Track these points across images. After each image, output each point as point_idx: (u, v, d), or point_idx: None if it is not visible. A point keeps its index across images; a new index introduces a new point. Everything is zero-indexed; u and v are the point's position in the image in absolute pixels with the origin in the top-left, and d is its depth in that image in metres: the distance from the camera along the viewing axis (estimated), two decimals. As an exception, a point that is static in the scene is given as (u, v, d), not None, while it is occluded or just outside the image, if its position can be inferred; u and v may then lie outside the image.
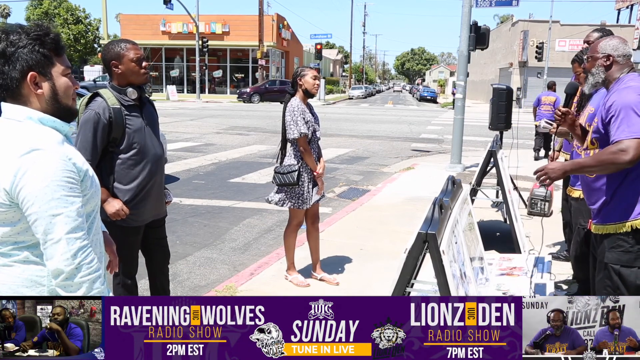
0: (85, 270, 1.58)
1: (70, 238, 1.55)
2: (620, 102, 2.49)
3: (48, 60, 1.65)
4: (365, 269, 4.69)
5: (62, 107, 1.70)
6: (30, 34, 1.63)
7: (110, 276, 1.72)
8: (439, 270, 2.06)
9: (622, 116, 2.46)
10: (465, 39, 9.94)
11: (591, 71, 2.71)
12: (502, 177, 5.00)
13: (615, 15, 39.26)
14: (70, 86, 1.72)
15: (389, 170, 10.22)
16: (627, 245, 2.55)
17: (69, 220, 1.55)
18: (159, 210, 3.14)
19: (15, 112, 1.63)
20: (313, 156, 4.16)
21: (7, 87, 1.63)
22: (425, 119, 24.59)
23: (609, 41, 2.70)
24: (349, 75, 78.03)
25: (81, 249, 1.57)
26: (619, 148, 2.45)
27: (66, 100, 1.71)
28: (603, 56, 2.67)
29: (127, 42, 2.90)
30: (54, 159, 1.58)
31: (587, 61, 2.76)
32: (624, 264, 2.57)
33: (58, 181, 1.56)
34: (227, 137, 14.80)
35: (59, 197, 1.55)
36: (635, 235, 2.53)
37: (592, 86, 2.75)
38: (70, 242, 1.55)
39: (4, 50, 1.61)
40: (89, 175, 1.71)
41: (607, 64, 2.66)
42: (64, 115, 1.71)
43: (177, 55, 40.63)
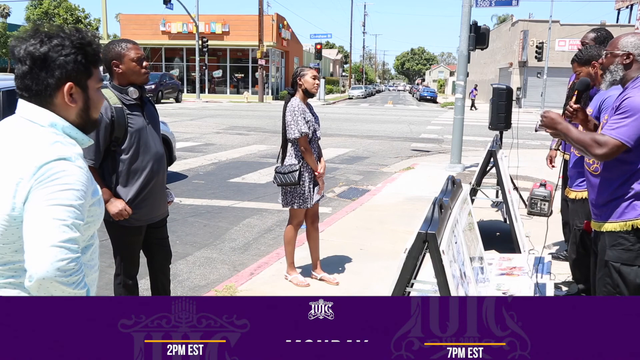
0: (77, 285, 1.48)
1: (70, 247, 1.45)
2: (635, 102, 2.46)
3: (87, 72, 1.57)
4: (365, 269, 4.69)
5: (90, 120, 1.63)
6: (74, 42, 1.54)
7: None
8: (438, 270, 2.06)
9: (627, 115, 2.45)
10: (465, 39, 9.94)
11: (609, 68, 2.64)
12: (502, 177, 5.00)
13: (615, 15, 39.30)
14: (101, 100, 1.66)
15: (388, 170, 10.22)
16: (628, 244, 2.55)
17: (72, 233, 1.46)
18: (161, 210, 3.14)
19: (39, 116, 1.54)
20: (314, 156, 4.16)
21: (39, 93, 1.53)
22: (425, 118, 24.59)
23: (630, 39, 2.61)
24: (349, 75, 78.02)
25: (76, 261, 1.47)
26: (600, 140, 2.47)
27: (95, 114, 1.64)
28: (623, 54, 2.59)
29: (128, 42, 2.90)
30: (80, 171, 1.51)
31: (605, 57, 2.68)
32: (624, 262, 2.56)
33: (77, 192, 1.48)
34: (227, 137, 14.80)
35: (73, 206, 1.46)
36: (636, 234, 2.52)
37: (609, 84, 2.68)
38: (69, 252, 1.45)
39: (46, 55, 1.51)
40: (100, 195, 1.65)
41: (627, 62, 2.59)
42: (89, 127, 1.65)
43: (177, 55, 40.62)
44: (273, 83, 41.30)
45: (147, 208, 3.00)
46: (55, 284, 1.43)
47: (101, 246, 5.54)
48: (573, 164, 3.92)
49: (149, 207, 3.02)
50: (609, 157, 2.49)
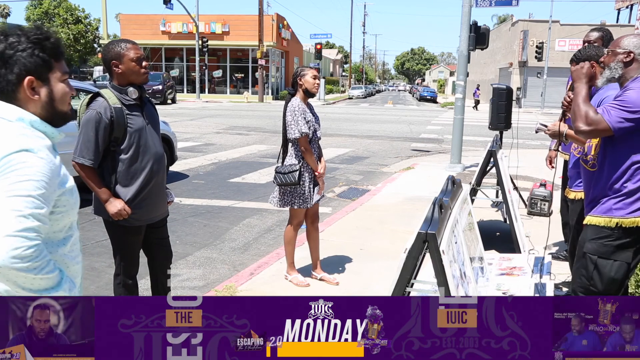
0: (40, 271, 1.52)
1: (27, 236, 1.48)
2: (632, 94, 2.52)
3: (47, 65, 1.62)
4: (365, 269, 4.69)
5: (57, 112, 1.67)
6: (30, 37, 1.59)
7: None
8: (438, 270, 2.06)
9: (624, 106, 2.51)
10: (465, 39, 9.94)
11: (609, 65, 2.71)
12: (502, 177, 5.00)
13: (615, 15, 39.31)
14: (67, 92, 1.69)
15: (388, 170, 10.22)
16: (608, 239, 2.63)
17: (29, 222, 1.49)
18: (161, 210, 3.14)
19: (7, 111, 1.59)
20: (314, 156, 4.16)
21: (3, 89, 1.59)
22: (425, 118, 24.59)
23: (633, 39, 2.69)
24: (349, 75, 78.02)
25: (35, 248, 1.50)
26: (592, 118, 2.55)
27: (62, 106, 1.68)
28: (624, 52, 2.66)
29: (127, 42, 2.90)
30: (42, 161, 1.54)
31: (606, 55, 2.75)
32: (601, 255, 2.65)
33: (36, 182, 1.51)
34: (227, 137, 14.80)
35: (31, 196, 1.49)
36: (618, 231, 2.60)
37: (607, 80, 2.74)
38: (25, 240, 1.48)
39: (2, 52, 1.57)
40: (72, 185, 1.68)
41: (627, 60, 2.65)
42: (57, 120, 1.68)
43: (177, 55, 40.62)
44: (273, 83, 41.30)
45: (146, 208, 3.00)
46: (14, 271, 1.48)
47: (101, 246, 5.57)
48: (573, 164, 3.93)
49: (149, 207, 3.02)
50: (589, 136, 2.62)
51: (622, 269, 2.62)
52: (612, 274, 2.63)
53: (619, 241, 2.61)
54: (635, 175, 2.56)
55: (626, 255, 2.62)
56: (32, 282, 1.54)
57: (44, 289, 1.59)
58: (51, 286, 1.60)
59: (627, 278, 2.67)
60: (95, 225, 5.81)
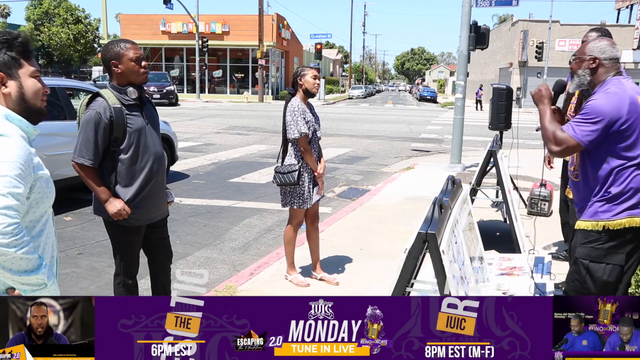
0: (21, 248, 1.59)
1: (7, 213, 1.57)
2: (594, 104, 2.56)
3: (15, 62, 1.73)
4: (365, 269, 4.69)
5: (30, 107, 1.77)
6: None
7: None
8: (438, 270, 2.06)
9: (588, 118, 2.54)
10: (465, 39, 9.94)
11: (577, 72, 2.74)
12: (502, 177, 5.00)
13: (615, 15, 39.32)
14: (39, 88, 1.79)
15: (388, 170, 10.22)
16: (597, 243, 2.63)
17: (8, 200, 1.58)
18: (161, 210, 3.14)
19: None
20: (314, 156, 4.16)
21: None
22: (425, 118, 24.59)
23: (597, 43, 2.70)
24: (349, 75, 78.02)
25: (15, 225, 1.58)
26: (558, 138, 2.60)
27: (34, 101, 1.78)
28: (590, 58, 2.68)
29: (127, 42, 2.90)
30: (16, 145, 1.64)
31: (574, 61, 2.77)
32: (593, 260, 2.64)
33: (12, 163, 1.60)
34: (227, 137, 14.80)
35: (8, 176, 1.59)
36: (606, 234, 2.60)
37: (576, 86, 2.78)
38: (6, 217, 1.56)
39: None
40: (46, 174, 1.77)
41: (593, 66, 2.67)
42: (32, 115, 1.78)
43: (177, 55, 40.61)
44: (273, 83, 41.29)
45: (146, 208, 3.00)
46: None
47: (101, 246, 5.56)
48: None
49: (149, 207, 3.01)
50: (563, 155, 2.67)
51: (614, 272, 2.61)
52: (604, 278, 2.62)
53: (608, 244, 2.60)
54: (618, 179, 2.56)
55: (618, 258, 2.61)
56: (13, 262, 1.60)
57: (23, 270, 1.64)
58: (30, 269, 1.65)
59: (621, 281, 2.65)
60: (95, 225, 5.81)
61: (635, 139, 2.53)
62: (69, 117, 6.51)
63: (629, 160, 2.55)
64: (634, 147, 2.54)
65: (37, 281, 1.67)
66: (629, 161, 2.55)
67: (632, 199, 2.56)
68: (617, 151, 2.55)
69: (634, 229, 2.56)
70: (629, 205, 2.56)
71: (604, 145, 2.56)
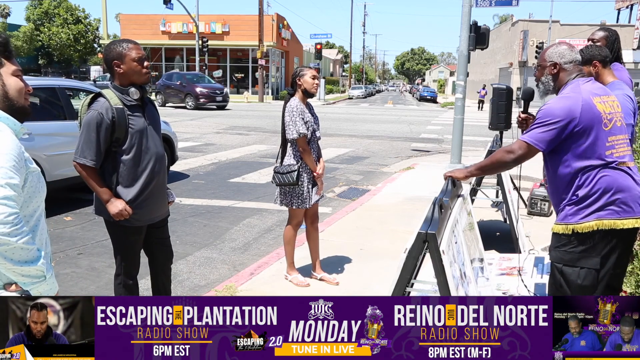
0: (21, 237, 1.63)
1: (7, 203, 1.60)
2: (546, 107, 2.58)
3: None
4: (365, 269, 4.69)
5: (14, 105, 1.80)
6: None
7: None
8: (438, 270, 2.06)
9: (540, 121, 2.57)
10: (465, 39, 9.94)
11: (541, 79, 2.77)
12: (502, 177, 5.00)
13: (615, 15, 39.32)
14: (21, 86, 1.82)
15: (388, 170, 10.22)
16: (569, 246, 2.60)
17: (6, 191, 1.61)
18: (162, 210, 3.14)
19: None
20: (313, 156, 4.16)
21: None
22: (425, 118, 24.59)
23: (556, 48, 2.73)
24: (349, 75, 78.02)
25: (15, 215, 1.62)
26: (509, 149, 2.67)
27: (18, 99, 1.81)
28: (550, 64, 2.70)
29: (129, 42, 2.90)
30: (8, 139, 1.68)
31: (537, 69, 2.81)
32: (566, 263, 2.62)
33: (6, 155, 1.64)
34: (227, 137, 14.80)
35: (4, 167, 1.62)
36: (576, 238, 2.57)
37: (543, 94, 2.80)
38: (6, 207, 1.60)
39: None
40: (37, 170, 1.80)
41: (555, 71, 2.70)
42: (16, 114, 1.80)
43: (177, 55, 40.61)
44: (273, 83, 41.29)
45: (147, 208, 3.00)
46: None
47: (101, 246, 5.57)
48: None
49: (150, 207, 3.02)
50: (521, 160, 2.67)
51: (589, 276, 2.56)
52: (579, 282, 2.57)
53: (580, 247, 2.56)
54: (583, 181, 2.54)
55: (592, 262, 2.56)
56: (14, 252, 1.62)
57: (24, 261, 1.66)
58: (30, 259, 1.68)
59: (598, 286, 2.59)
60: (96, 225, 5.81)
61: (593, 140, 2.52)
62: (69, 117, 6.51)
63: (590, 162, 2.53)
64: (594, 148, 2.53)
65: (37, 272, 1.69)
66: (590, 163, 2.53)
67: (599, 201, 2.53)
68: (577, 154, 2.54)
69: (603, 232, 2.52)
70: (596, 207, 2.53)
71: (563, 149, 2.56)
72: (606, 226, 2.51)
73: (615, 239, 2.55)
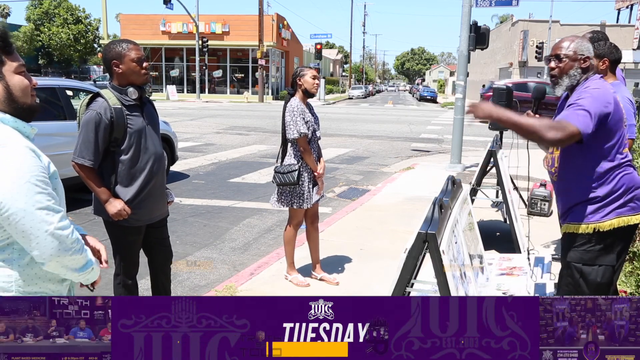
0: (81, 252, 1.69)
1: (63, 226, 1.61)
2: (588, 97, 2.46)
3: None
4: (365, 269, 4.69)
5: (21, 106, 1.64)
6: None
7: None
8: (439, 270, 2.06)
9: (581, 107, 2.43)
10: (465, 39, 9.94)
11: (569, 73, 2.63)
12: (502, 177, 5.00)
13: (615, 15, 39.33)
14: (26, 84, 1.66)
15: (388, 170, 10.22)
16: (588, 245, 2.61)
17: (53, 213, 1.59)
18: (161, 210, 3.14)
19: None
20: (313, 156, 4.16)
21: None
22: (425, 118, 24.59)
23: (585, 43, 2.65)
24: (349, 75, 78.02)
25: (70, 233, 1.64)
26: (557, 125, 2.40)
27: (24, 99, 1.65)
28: (582, 58, 2.62)
29: (128, 42, 2.90)
30: (26, 154, 1.56)
31: (559, 61, 2.64)
32: (585, 263, 2.62)
33: (37, 175, 1.57)
34: (227, 137, 14.80)
35: (41, 190, 1.57)
36: (596, 236, 2.58)
37: (566, 88, 2.66)
38: (64, 230, 1.61)
39: None
40: (57, 175, 1.74)
41: (585, 66, 2.62)
42: (25, 114, 1.66)
43: (177, 55, 40.61)
44: (273, 83, 41.30)
45: (146, 208, 3.00)
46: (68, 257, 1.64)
47: (101, 246, 5.48)
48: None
49: (149, 207, 3.02)
50: (562, 144, 2.46)
51: (607, 273, 2.60)
52: (598, 280, 2.60)
53: (599, 246, 2.58)
54: (606, 179, 2.54)
55: (610, 259, 2.59)
56: (78, 262, 1.68)
57: (82, 265, 1.72)
58: (84, 263, 1.73)
59: (612, 282, 2.64)
60: (95, 225, 5.80)
61: (619, 137, 2.52)
62: (69, 117, 6.51)
63: (616, 160, 2.52)
64: (619, 146, 2.52)
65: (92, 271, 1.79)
66: (617, 161, 2.52)
67: (620, 199, 2.54)
68: (604, 149, 2.51)
69: (622, 228, 2.55)
70: (618, 204, 2.54)
71: (591, 144, 2.48)
72: (624, 222, 2.54)
73: (627, 234, 2.59)
